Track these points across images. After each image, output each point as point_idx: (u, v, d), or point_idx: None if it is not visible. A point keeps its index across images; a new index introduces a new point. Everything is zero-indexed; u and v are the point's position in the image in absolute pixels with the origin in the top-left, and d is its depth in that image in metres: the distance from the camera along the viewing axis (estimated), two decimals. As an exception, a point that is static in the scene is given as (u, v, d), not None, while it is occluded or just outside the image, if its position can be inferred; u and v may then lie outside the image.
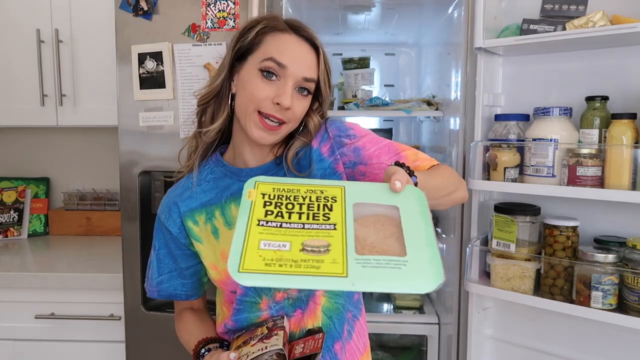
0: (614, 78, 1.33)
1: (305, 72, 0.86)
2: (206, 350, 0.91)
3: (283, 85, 0.85)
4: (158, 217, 1.00)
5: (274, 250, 0.59)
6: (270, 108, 0.85)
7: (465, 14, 1.49)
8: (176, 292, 1.01)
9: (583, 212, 1.37)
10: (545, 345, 1.47)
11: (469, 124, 1.51)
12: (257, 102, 0.85)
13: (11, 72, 1.92)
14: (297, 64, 0.85)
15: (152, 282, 1.02)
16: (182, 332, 1.02)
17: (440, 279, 0.56)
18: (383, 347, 1.95)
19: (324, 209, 0.66)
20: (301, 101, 0.88)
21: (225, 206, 0.93)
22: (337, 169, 0.91)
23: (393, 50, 2.37)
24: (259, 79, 0.85)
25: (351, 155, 0.91)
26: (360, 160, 0.91)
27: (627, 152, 1.20)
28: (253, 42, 0.88)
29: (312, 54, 0.88)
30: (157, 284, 1.01)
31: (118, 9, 1.49)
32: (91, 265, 1.75)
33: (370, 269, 0.57)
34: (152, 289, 1.02)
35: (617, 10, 1.27)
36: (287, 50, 0.85)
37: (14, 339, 1.69)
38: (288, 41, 0.87)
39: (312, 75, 0.87)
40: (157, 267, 1.00)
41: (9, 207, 2.17)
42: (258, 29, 0.87)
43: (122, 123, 1.52)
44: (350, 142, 0.92)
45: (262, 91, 0.85)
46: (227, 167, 0.96)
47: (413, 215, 0.65)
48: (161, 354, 1.54)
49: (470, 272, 1.46)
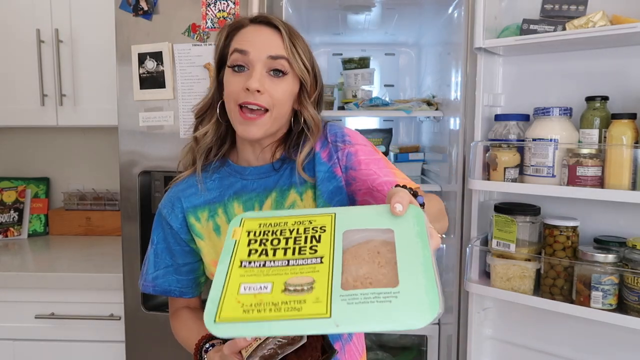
0: (614, 78, 1.33)
1: (269, 50, 0.87)
2: (210, 345, 0.90)
3: (251, 71, 0.86)
4: (159, 211, 0.99)
5: (254, 294, 0.55)
6: (243, 96, 0.86)
7: (465, 14, 1.49)
8: (170, 287, 1.00)
9: (583, 212, 1.37)
10: (545, 346, 1.47)
11: (469, 124, 1.51)
12: (233, 95, 0.87)
13: (11, 72, 1.92)
14: (258, 46, 0.87)
15: (147, 277, 1.01)
16: (180, 329, 1.01)
17: (436, 311, 0.49)
18: (383, 347, 1.95)
19: (311, 241, 0.61)
20: (277, 84, 0.88)
21: (228, 204, 0.95)
22: (336, 172, 0.92)
23: (393, 50, 2.37)
24: (231, 75, 0.88)
25: (344, 159, 0.92)
26: (351, 166, 0.91)
27: (627, 152, 1.20)
28: (224, 47, 0.92)
29: (274, 34, 0.89)
30: (153, 279, 1.00)
31: (118, 9, 1.49)
32: (91, 265, 1.75)
33: (356, 305, 0.51)
34: (147, 284, 1.01)
35: (617, 10, 1.27)
36: (247, 38, 0.88)
37: (14, 339, 1.69)
38: (247, 31, 0.89)
39: (278, 52, 0.87)
40: (153, 262, 1.00)
41: (9, 207, 2.17)
42: (225, 33, 0.92)
43: (122, 123, 1.52)
44: (345, 146, 0.93)
45: (234, 84, 0.87)
46: (232, 166, 0.98)
47: (410, 236, 0.58)
48: (161, 354, 1.54)
49: (470, 272, 1.46)
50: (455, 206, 1.60)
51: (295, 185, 0.93)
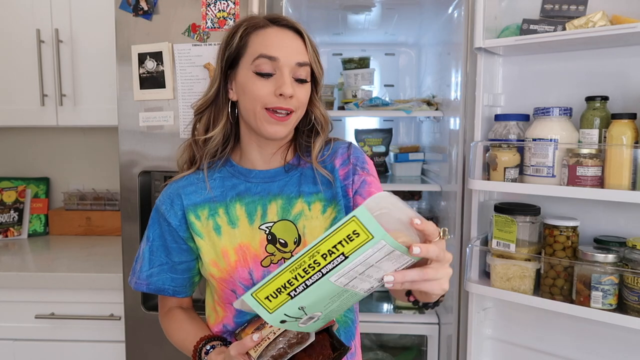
0: (614, 78, 1.33)
1: (297, 57, 0.89)
2: (211, 347, 0.89)
3: (280, 76, 0.87)
4: (157, 208, 0.98)
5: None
6: (275, 101, 0.87)
7: (465, 14, 1.49)
8: (164, 286, 0.98)
9: (583, 212, 1.37)
10: (545, 345, 1.47)
11: (469, 124, 1.51)
12: (262, 99, 0.88)
13: (11, 72, 1.92)
14: (286, 52, 0.88)
15: (141, 274, 0.99)
16: (174, 330, 0.99)
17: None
18: (383, 347, 1.95)
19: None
20: (302, 88, 0.91)
21: (229, 205, 0.94)
22: (348, 192, 0.95)
23: (393, 50, 2.38)
24: (257, 78, 0.88)
25: (358, 184, 0.95)
26: (361, 193, 0.94)
27: (627, 152, 1.20)
28: (240, 46, 0.91)
29: (298, 40, 0.91)
30: (147, 277, 0.98)
31: (118, 9, 1.49)
32: (91, 265, 1.75)
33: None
34: (141, 282, 0.99)
35: (617, 10, 1.27)
36: (273, 42, 0.88)
37: (14, 339, 1.69)
38: (272, 34, 0.89)
39: (304, 59, 0.90)
40: (148, 260, 0.98)
41: (9, 207, 2.17)
42: (240, 32, 0.90)
43: (122, 123, 1.52)
44: (362, 173, 0.96)
45: (263, 88, 0.88)
46: (236, 167, 0.98)
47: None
48: (161, 354, 1.54)
49: (470, 272, 1.46)
50: (455, 206, 1.60)
51: (303, 194, 0.94)
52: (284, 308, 0.64)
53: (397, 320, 1.77)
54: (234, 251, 0.92)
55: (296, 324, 0.69)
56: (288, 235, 0.92)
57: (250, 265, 0.91)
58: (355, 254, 0.56)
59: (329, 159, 0.97)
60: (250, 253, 0.91)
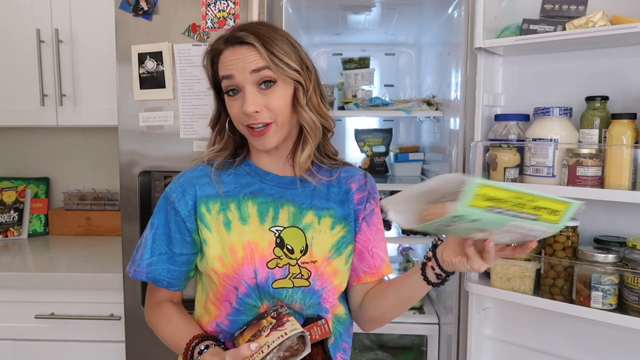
0: (614, 78, 1.33)
1: (249, 66, 0.89)
2: (205, 347, 0.87)
3: (243, 93, 0.90)
4: (166, 196, 0.98)
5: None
6: (247, 119, 0.90)
7: (465, 14, 1.49)
8: (160, 277, 0.96)
9: (583, 212, 1.36)
10: (545, 345, 1.47)
11: (469, 124, 1.51)
12: (238, 118, 0.92)
13: (11, 72, 1.92)
14: (238, 67, 0.89)
15: (141, 262, 0.97)
16: (164, 324, 0.96)
17: None
18: (383, 347, 1.95)
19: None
20: (270, 95, 0.90)
21: (242, 202, 0.95)
22: (358, 217, 0.99)
23: (393, 50, 2.37)
24: (229, 99, 0.93)
25: (367, 212, 1.00)
26: (368, 221, 1.00)
27: (627, 152, 1.20)
28: (213, 73, 0.96)
29: (249, 50, 0.90)
30: (148, 265, 0.96)
31: (118, 9, 1.49)
32: (91, 265, 1.75)
33: None
34: (141, 270, 0.97)
35: (617, 10, 1.27)
36: (228, 62, 0.91)
37: (14, 339, 1.69)
38: (226, 55, 0.92)
39: (258, 65, 0.89)
40: (150, 248, 0.97)
41: (9, 207, 2.17)
42: (207, 60, 0.96)
43: (122, 123, 1.52)
44: (374, 202, 1.02)
45: (234, 109, 0.92)
46: (253, 167, 1.00)
47: None
48: (161, 354, 1.54)
49: (470, 272, 1.46)
50: (455, 206, 1.60)
51: (315, 208, 0.97)
52: (479, 213, 0.67)
53: (397, 320, 1.76)
54: (242, 247, 0.92)
55: (459, 224, 0.72)
56: (296, 242, 0.93)
57: (256, 264, 0.91)
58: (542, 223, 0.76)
59: (345, 181, 1.00)
60: (257, 252, 0.91)
